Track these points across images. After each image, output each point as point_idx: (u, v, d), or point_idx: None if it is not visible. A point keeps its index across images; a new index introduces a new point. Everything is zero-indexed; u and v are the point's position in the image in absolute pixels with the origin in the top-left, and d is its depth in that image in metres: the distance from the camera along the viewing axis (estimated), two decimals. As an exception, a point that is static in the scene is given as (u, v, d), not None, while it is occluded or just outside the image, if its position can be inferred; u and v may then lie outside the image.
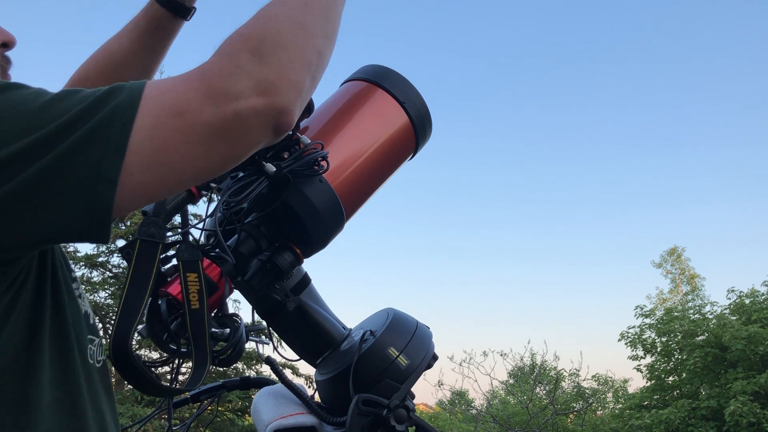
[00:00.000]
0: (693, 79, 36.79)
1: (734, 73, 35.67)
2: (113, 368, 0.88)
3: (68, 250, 11.74)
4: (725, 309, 16.04)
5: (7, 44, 1.00)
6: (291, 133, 1.01)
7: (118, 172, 0.67)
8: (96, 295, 13.48)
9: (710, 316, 16.11)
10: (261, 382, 1.30)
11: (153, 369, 0.95)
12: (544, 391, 15.55)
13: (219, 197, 0.98)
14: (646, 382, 16.93)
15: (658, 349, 16.38)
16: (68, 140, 0.66)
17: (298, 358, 1.24)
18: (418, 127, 1.21)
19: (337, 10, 0.88)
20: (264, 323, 1.16)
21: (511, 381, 16.90)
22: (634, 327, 16.92)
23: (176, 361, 0.99)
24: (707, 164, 36.29)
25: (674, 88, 37.00)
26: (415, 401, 1.14)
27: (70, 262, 0.98)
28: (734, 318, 15.24)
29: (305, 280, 1.17)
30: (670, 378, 16.45)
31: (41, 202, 0.66)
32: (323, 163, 1.02)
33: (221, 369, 3.04)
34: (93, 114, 0.67)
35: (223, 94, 0.69)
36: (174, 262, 0.95)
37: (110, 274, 13.74)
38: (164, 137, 0.68)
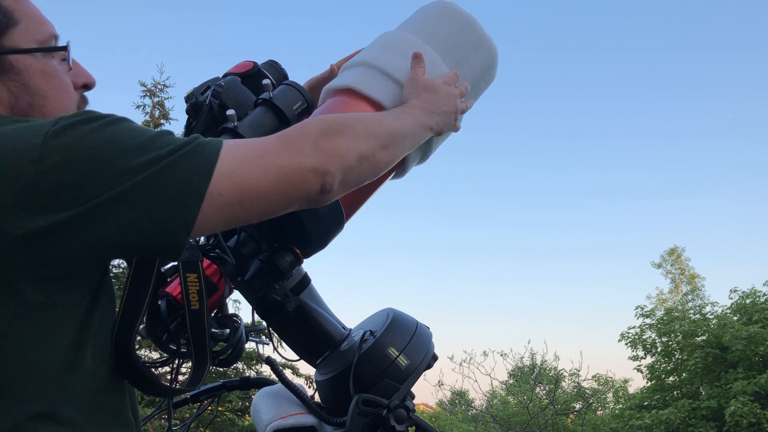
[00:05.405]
0: (692, 72, 36.78)
1: (733, 65, 35.64)
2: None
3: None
4: (727, 309, 16.03)
5: (88, 86, 1.02)
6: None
7: (205, 189, 0.79)
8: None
9: (710, 317, 16.10)
10: (261, 382, 1.30)
11: (153, 369, 0.95)
12: (544, 391, 15.55)
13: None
14: (647, 383, 16.91)
15: (659, 350, 16.36)
16: (167, 159, 0.78)
17: (298, 358, 1.24)
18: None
19: (403, 133, 1.02)
20: (264, 323, 1.16)
21: (511, 381, 16.88)
22: (634, 327, 16.91)
23: (176, 362, 0.99)
24: (706, 162, 36.30)
25: (672, 86, 37.01)
26: (415, 401, 1.14)
27: None
28: (735, 318, 15.22)
29: (305, 281, 1.17)
30: (671, 378, 16.43)
31: (139, 206, 0.76)
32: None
33: (221, 369, 3.03)
34: (187, 144, 0.81)
35: (294, 149, 0.87)
36: (174, 262, 0.95)
37: (111, 275, 13.71)
38: (247, 170, 0.83)
